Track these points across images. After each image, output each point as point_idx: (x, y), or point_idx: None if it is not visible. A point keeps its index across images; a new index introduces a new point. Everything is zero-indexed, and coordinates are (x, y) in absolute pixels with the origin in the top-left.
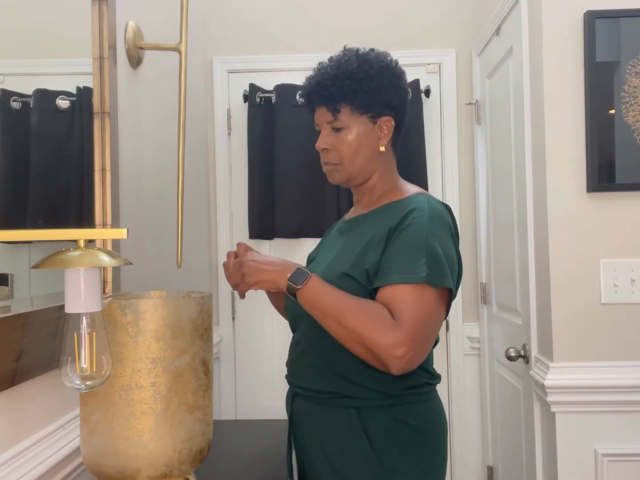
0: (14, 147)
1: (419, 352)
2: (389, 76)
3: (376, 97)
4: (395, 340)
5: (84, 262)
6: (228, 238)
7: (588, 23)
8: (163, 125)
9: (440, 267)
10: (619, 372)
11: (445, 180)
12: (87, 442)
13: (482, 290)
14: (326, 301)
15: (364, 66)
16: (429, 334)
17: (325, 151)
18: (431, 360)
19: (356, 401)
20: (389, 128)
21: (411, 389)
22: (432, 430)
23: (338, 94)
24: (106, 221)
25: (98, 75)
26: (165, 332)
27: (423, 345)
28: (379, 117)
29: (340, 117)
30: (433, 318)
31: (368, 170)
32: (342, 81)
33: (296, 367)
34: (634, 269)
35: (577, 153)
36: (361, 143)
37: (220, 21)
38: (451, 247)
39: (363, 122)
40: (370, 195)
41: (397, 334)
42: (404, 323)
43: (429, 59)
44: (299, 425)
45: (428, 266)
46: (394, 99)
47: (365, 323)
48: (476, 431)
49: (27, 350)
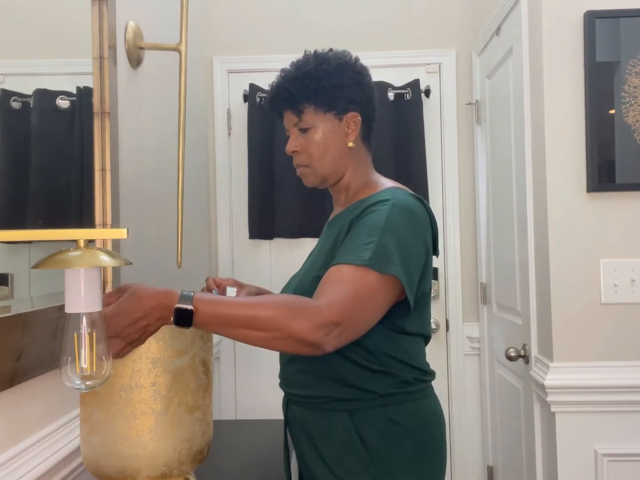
0: (14, 147)
1: (348, 327)
2: (349, 72)
3: (337, 93)
4: (317, 317)
5: (84, 262)
6: (228, 238)
7: (588, 23)
8: (163, 125)
9: (388, 253)
10: (619, 372)
11: (445, 180)
12: (87, 442)
13: (482, 290)
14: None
15: (322, 65)
16: (358, 312)
17: (296, 154)
18: (421, 356)
19: (348, 403)
20: (355, 123)
21: (402, 387)
22: (427, 429)
23: (299, 95)
24: (106, 221)
25: (98, 75)
26: (165, 332)
27: (350, 321)
28: (344, 113)
29: (304, 117)
30: (366, 300)
31: (339, 167)
32: (302, 81)
33: (287, 374)
34: (634, 269)
35: (577, 153)
36: (328, 140)
37: (220, 21)
38: (412, 238)
39: (328, 120)
40: (346, 193)
41: (318, 310)
42: (330, 300)
43: (429, 59)
44: (295, 431)
45: (373, 250)
46: (357, 94)
47: (278, 314)
48: (476, 431)
49: (27, 350)
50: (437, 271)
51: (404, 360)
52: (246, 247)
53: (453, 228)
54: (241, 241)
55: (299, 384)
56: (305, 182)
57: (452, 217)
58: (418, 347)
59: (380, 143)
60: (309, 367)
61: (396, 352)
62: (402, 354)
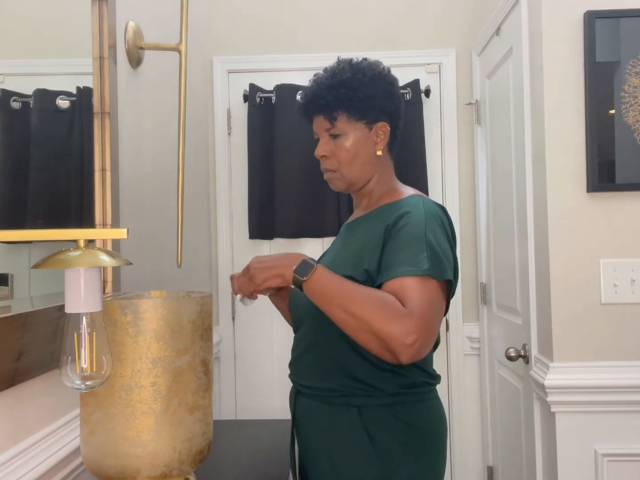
0: (14, 147)
1: (427, 340)
2: (382, 83)
3: (371, 103)
4: (406, 328)
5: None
6: (228, 238)
7: (588, 23)
8: (163, 125)
9: (440, 261)
10: (619, 372)
11: (445, 180)
12: (87, 442)
13: (482, 290)
14: (334, 290)
15: (358, 75)
16: (434, 323)
17: (324, 158)
18: (430, 361)
19: (357, 399)
20: (385, 133)
21: (410, 387)
22: (432, 429)
23: (334, 102)
24: (106, 221)
25: (98, 75)
26: (165, 332)
27: (430, 333)
28: (374, 122)
29: (337, 125)
30: (437, 308)
31: (366, 174)
32: (338, 90)
33: (299, 366)
34: (634, 269)
35: (577, 153)
36: (358, 148)
37: (220, 21)
38: (446, 244)
39: (359, 129)
40: (369, 199)
41: (407, 321)
42: (412, 312)
43: (429, 59)
44: (302, 423)
45: (429, 259)
46: (388, 105)
47: (374, 311)
48: (476, 431)
49: (27, 350)
50: None
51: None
52: (246, 247)
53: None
54: (241, 241)
55: (310, 376)
56: (332, 187)
57: (452, 217)
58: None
59: None
60: (323, 360)
61: None
62: None
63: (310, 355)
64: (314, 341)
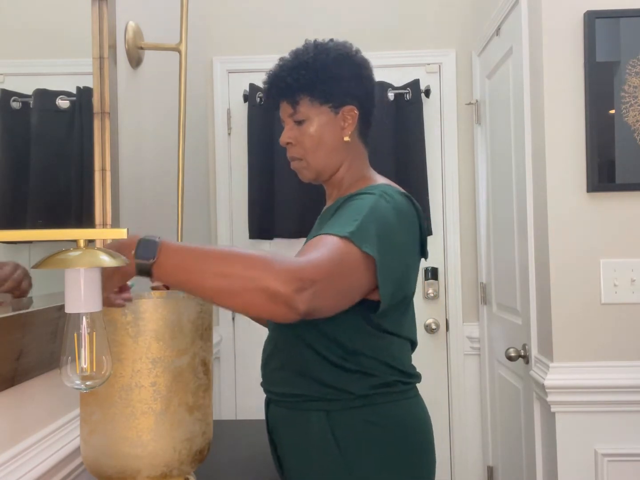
0: (14, 147)
1: (323, 289)
2: (348, 64)
3: (335, 86)
4: (299, 270)
5: (84, 262)
6: (228, 238)
7: (588, 23)
8: (163, 125)
9: (367, 233)
10: (619, 372)
11: (445, 180)
12: (88, 442)
13: (482, 290)
14: (197, 257)
15: (321, 55)
16: (336, 282)
17: (290, 145)
18: (404, 358)
19: (325, 403)
20: (352, 117)
21: (380, 388)
22: (406, 431)
23: (295, 85)
24: (106, 221)
25: (98, 75)
26: (165, 332)
27: (328, 287)
28: (341, 106)
29: (300, 109)
30: (346, 270)
31: (333, 161)
32: (299, 72)
33: (266, 371)
34: (634, 269)
35: (577, 153)
36: (324, 134)
37: (220, 21)
38: (397, 233)
39: (324, 113)
40: (339, 189)
41: (300, 267)
42: (311, 259)
43: (429, 59)
44: (276, 432)
45: (357, 226)
46: (355, 87)
47: (257, 262)
48: (476, 431)
49: (27, 350)
50: (437, 271)
51: (385, 360)
52: (246, 247)
53: (453, 228)
54: (241, 241)
55: (277, 382)
56: (301, 178)
57: (452, 217)
58: (401, 350)
59: (380, 143)
60: (287, 364)
61: (376, 353)
62: (383, 355)
63: (275, 360)
64: (277, 345)
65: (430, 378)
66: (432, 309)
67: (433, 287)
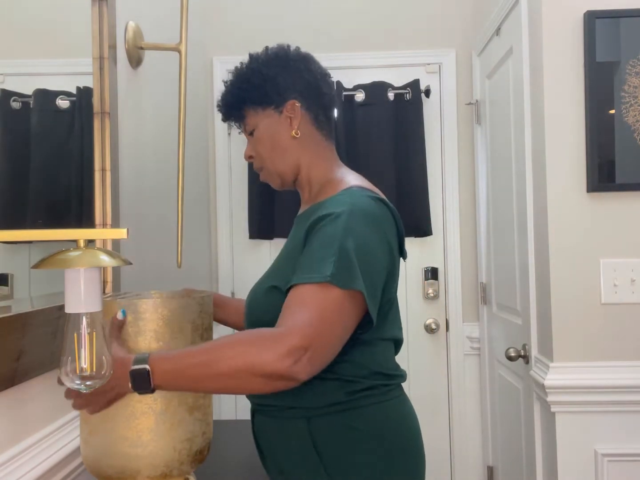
0: (14, 147)
1: (318, 351)
2: (279, 62)
3: (268, 86)
4: (286, 347)
5: (84, 262)
6: (228, 238)
7: (588, 23)
8: (163, 125)
9: (351, 268)
10: (619, 372)
11: (445, 180)
12: (87, 442)
13: (482, 290)
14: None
15: (252, 64)
16: (328, 335)
17: (251, 159)
18: (389, 361)
19: (305, 411)
20: (296, 110)
21: (361, 392)
22: (390, 434)
23: (235, 102)
24: (106, 221)
25: (98, 75)
26: (165, 332)
27: (321, 345)
28: (282, 104)
29: (247, 121)
30: (335, 318)
31: (290, 161)
32: (238, 86)
33: None
34: (634, 269)
35: (577, 153)
36: (272, 136)
37: (220, 21)
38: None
39: (269, 116)
40: (309, 190)
41: (286, 340)
42: (292, 328)
43: (429, 59)
44: (261, 440)
45: (336, 265)
46: (292, 81)
47: (243, 354)
48: (476, 431)
49: (27, 350)
50: (437, 271)
51: (367, 366)
52: (246, 247)
53: (453, 228)
54: (241, 241)
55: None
56: (273, 186)
57: (452, 217)
58: (384, 353)
59: (380, 143)
60: None
61: (356, 360)
62: (364, 361)
63: None
64: None
65: (430, 378)
66: (432, 309)
67: (433, 287)
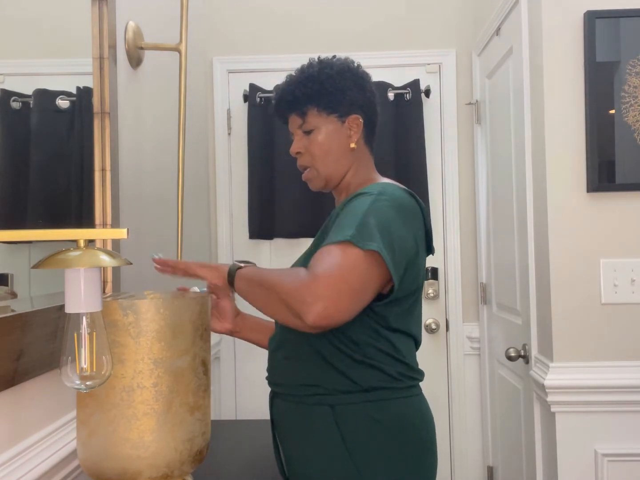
0: (14, 147)
1: (334, 303)
2: (351, 76)
3: (340, 96)
4: (307, 289)
5: (84, 262)
6: (228, 238)
7: (588, 23)
8: (163, 125)
9: (369, 231)
10: (619, 372)
11: (445, 180)
12: (86, 444)
13: (482, 290)
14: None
15: (326, 69)
16: (348, 289)
17: (299, 155)
18: (408, 352)
19: (330, 398)
20: (358, 126)
21: (385, 381)
22: (410, 429)
23: (302, 98)
24: (106, 221)
25: (98, 75)
26: (167, 332)
27: (339, 297)
28: (346, 115)
29: (308, 119)
30: (354, 275)
31: (341, 168)
32: (306, 84)
33: (273, 363)
34: (634, 269)
35: (577, 153)
36: (331, 142)
37: (220, 21)
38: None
39: (331, 122)
40: (346, 193)
41: (309, 283)
42: (317, 274)
43: (429, 59)
44: (280, 427)
45: (357, 229)
46: (359, 98)
47: (281, 280)
48: (476, 431)
49: (27, 350)
50: (437, 271)
51: (389, 352)
52: (246, 247)
53: (453, 228)
54: (241, 241)
55: (283, 372)
56: (311, 187)
57: (452, 217)
58: (405, 344)
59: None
60: (294, 353)
61: (380, 344)
62: (386, 346)
63: (282, 350)
64: (286, 336)
65: (430, 378)
66: (432, 309)
67: (433, 287)
